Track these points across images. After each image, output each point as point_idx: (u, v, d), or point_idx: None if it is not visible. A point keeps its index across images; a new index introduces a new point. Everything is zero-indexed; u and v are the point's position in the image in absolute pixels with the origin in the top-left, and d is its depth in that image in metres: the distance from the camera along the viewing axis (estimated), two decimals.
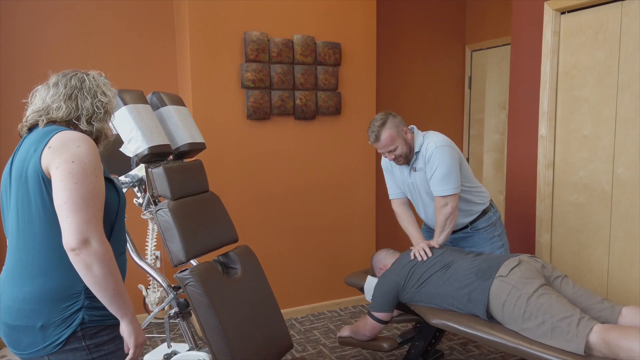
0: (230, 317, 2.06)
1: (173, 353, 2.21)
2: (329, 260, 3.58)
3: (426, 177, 2.39)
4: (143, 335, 1.37)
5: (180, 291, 2.15)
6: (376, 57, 3.60)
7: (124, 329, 1.34)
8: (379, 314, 2.32)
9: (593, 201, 2.67)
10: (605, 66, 2.55)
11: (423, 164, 2.39)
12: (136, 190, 2.33)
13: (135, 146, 2.08)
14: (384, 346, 2.38)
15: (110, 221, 1.39)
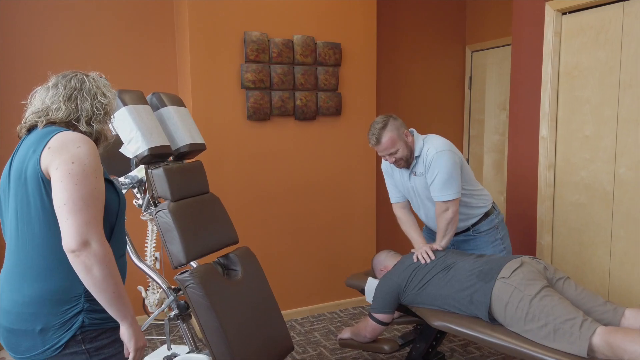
0: (230, 319, 2.05)
1: (173, 355, 2.20)
2: (329, 261, 3.57)
3: (426, 183, 2.37)
4: (143, 339, 1.35)
5: (180, 293, 2.14)
6: (376, 58, 3.59)
7: (124, 333, 1.32)
8: (380, 316, 2.31)
9: (594, 202, 2.66)
10: (606, 67, 2.54)
11: (424, 169, 2.36)
12: (136, 191, 2.32)
13: (135, 147, 2.07)
14: (385, 348, 2.37)
15: (110, 223, 1.38)
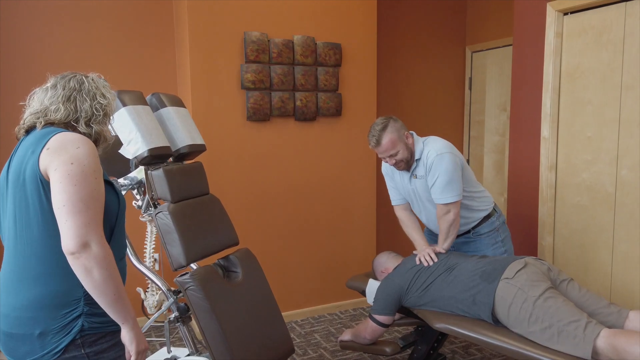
0: (231, 322, 2.03)
1: (173, 358, 2.18)
2: (329, 262, 3.55)
3: (427, 185, 2.35)
4: (145, 341, 1.34)
5: (180, 295, 2.12)
6: (376, 58, 3.58)
7: (125, 336, 1.30)
8: (381, 317, 2.29)
9: (596, 203, 2.65)
10: (608, 68, 2.53)
11: (424, 172, 2.34)
12: (135, 192, 2.30)
13: (134, 148, 2.05)
14: (387, 350, 2.36)
15: (110, 225, 1.36)
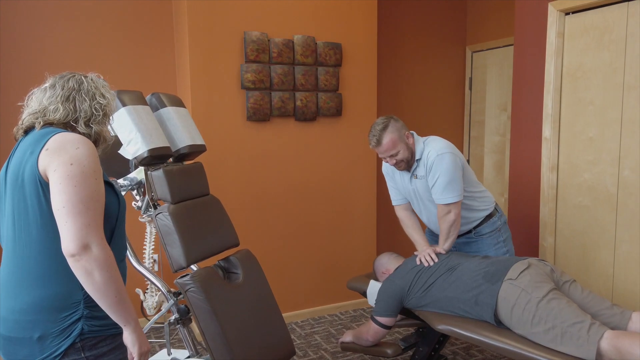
0: (231, 324, 2.01)
1: None
2: (329, 263, 3.54)
3: (428, 185, 2.34)
4: (147, 343, 1.33)
5: (180, 297, 2.10)
6: (377, 58, 3.56)
7: (127, 337, 1.29)
8: (383, 319, 2.28)
9: (598, 204, 2.64)
10: (610, 68, 2.52)
11: (424, 172, 2.33)
12: (135, 193, 2.28)
13: (134, 148, 2.03)
14: (388, 352, 2.34)
15: (110, 226, 1.34)
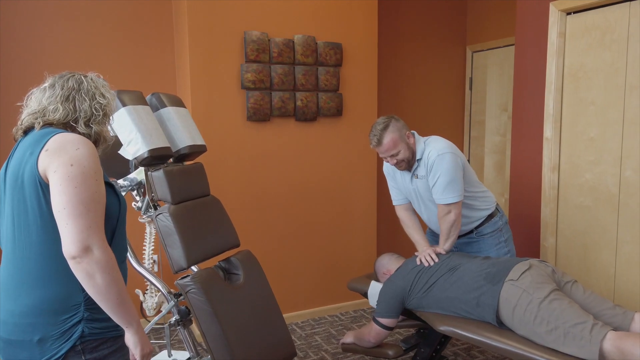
0: (232, 325, 2.00)
1: None
2: (329, 263, 3.53)
3: (429, 185, 2.33)
4: (149, 344, 1.32)
5: (181, 298, 2.09)
6: (377, 58, 3.55)
7: (129, 339, 1.28)
8: (385, 320, 2.27)
9: (599, 204, 2.63)
10: (612, 68, 2.51)
11: (425, 172, 2.32)
12: (135, 193, 2.27)
13: (134, 149, 2.02)
14: (390, 353, 2.33)
15: (111, 228, 1.33)
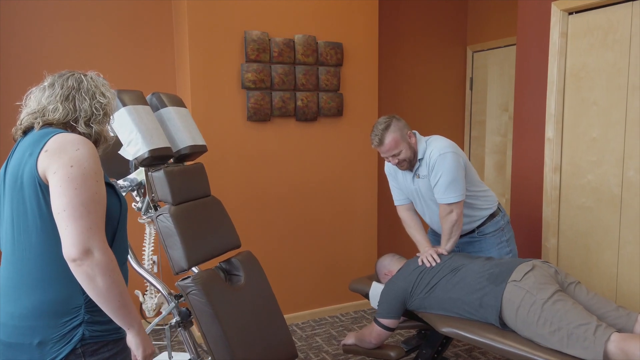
0: (233, 326, 1.99)
1: None
2: (330, 263, 3.51)
3: (430, 185, 2.33)
4: (151, 345, 1.31)
5: (181, 299, 2.07)
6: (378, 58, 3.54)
7: (131, 341, 1.27)
8: (386, 321, 2.26)
9: (602, 205, 2.62)
10: (614, 68, 2.50)
11: (427, 172, 2.32)
12: (135, 194, 2.25)
13: (134, 149, 2.00)
14: (391, 355, 2.32)
15: (111, 229, 1.31)
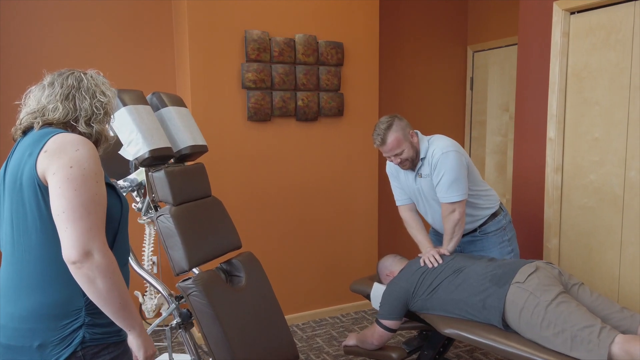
0: (234, 328, 1.97)
1: None
2: (331, 264, 3.50)
3: (433, 184, 2.32)
4: (153, 346, 1.30)
5: (182, 300, 2.06)
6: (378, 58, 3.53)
7: (133, 342, 1.26)
8: (388, 322, 2.24)
9: (604, 205, 2.61)
10: (617, 68, 2.49)
11: (429, 171, 2.31)
12: (135, 194, 2.24)
13: (135, 149, 1.98)
14: (393, 356, 2.30)
15: (112, 230, 1.30)
